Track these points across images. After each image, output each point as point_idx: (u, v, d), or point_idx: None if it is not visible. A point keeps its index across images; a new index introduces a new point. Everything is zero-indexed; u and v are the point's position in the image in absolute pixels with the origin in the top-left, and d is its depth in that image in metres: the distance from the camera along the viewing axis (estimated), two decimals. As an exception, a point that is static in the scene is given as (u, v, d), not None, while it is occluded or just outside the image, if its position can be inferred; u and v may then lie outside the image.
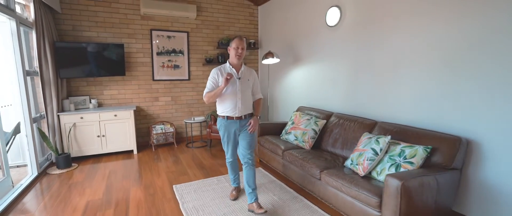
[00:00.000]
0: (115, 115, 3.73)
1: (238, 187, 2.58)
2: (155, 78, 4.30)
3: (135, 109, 3.89)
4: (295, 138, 3.04)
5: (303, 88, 3.90)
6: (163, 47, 4.30)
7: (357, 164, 2.20)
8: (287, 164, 2.79)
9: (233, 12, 4.76)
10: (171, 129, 4.29)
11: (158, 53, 4.27)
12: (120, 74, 3.94)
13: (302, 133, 3.00)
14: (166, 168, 3.33)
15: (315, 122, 3.03)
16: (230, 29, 4.78)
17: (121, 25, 3.98)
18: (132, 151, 3.96)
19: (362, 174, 2.12)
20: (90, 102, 3.85)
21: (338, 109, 3.26)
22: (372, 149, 2.16)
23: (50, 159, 3.48)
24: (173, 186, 2.79)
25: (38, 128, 3.21)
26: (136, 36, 4.10)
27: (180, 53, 4.43)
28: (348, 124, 2.81)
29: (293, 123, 3.22)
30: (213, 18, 4.60)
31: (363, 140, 2.34)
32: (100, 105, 3.99)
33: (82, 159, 3.64)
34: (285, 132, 3.24)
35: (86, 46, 3.66)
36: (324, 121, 3.04)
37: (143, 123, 4.33)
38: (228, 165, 2.51)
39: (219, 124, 2.34)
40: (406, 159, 1.97)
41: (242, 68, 2.30)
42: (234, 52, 2.22)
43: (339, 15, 3.13)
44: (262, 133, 3.38)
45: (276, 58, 3.93)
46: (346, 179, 2.05)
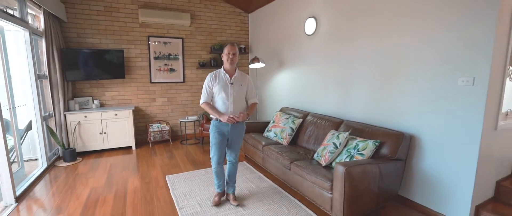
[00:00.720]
0: (116, 114, 4.11)
1: (221, 193, 2.54)
2: (152, 81, 4.69)
3: (134, 109, 4.28)
4: (275, 135, 3.42)
5: (287, 90, 4.28)
6: (160, 52, 4.68)
7: (321, 156, 2.57)
8: (266, 157, 3.16)
9: (224, 19, 5.14)
10: (167, 128, 4.67)
11: (155, 58, 4.66)
12: (120, 77, 4.33)
13: (281, 131, 3.38)
14: (161, 162, 3.72)
15: (293, 121, 3.41)
16: (222, 35, 5.16)
17: (121, 32, 4.37)
18: (131, 147, 4.35)
19: (324, 164, 2.49)
20: (93, 103, 4.24)
21: (314, 109, 3.64)
22: (333, 143, 2.53)
23: (57, 153, 3.87)
24: (166, 176, 3.17)
25: (47, 125, 3.60)
26: (135, 42, 4.49)
27: (175, 58, 4.81)
28: (321, 122, 3.18)
29: (274, 122, 3.60)
30: (206, 25, 4.99)
31: (329, 136, 2.71)
32: (102, 105, 4.38)
33: (86, 154, 4.03)
34: (267, 130, 3.62)
35: (89, 51, 4.05)
36: (301, 120, 3.42)
37: (141, 122, 4.72)
38: (214, 174, 2.47)
39: (211, 126, 2.39)
40: (358, 151, 2.35)
41: (236, 74, 2.38)
42: (226, 58, 2.30)
43: (315, 25, 3.51)
44: (247, 131, 3.75)
45: (262, 63, 4.31)
46: (309, 168, 2.42)
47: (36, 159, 3.55)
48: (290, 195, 2.67)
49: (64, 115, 3.80)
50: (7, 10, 2.72)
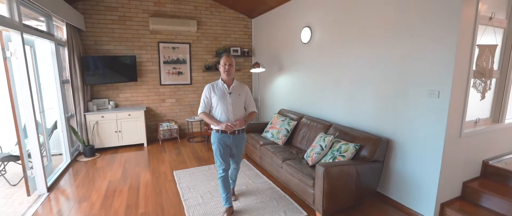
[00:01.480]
0: (129, 114, 4.54)
1: (230, 207, 2.48)
2: (162, 83, 5.09)
3: (145, 109, 4.69)
4: (272, 136, 3.75)
5: (285, 93, 4.59)
6: (169, 56, 5.07)
7: (309, 157, 2.90)
8: (262, 156, 3.50)
9: (229, 25, 5.46)
10: (175, 126, 5.08)
11: (164, 62, 5.05)
12: (133, 80, 4.75)
13: (277, 132, 3.71)
14: (170, 158, 4.13)
15: (288, 123, 3.73)
16: (226, 39, 5.49)
17: (133, 39, 4.77)
18: (142, 144, 4.78)
19: (310, 164, 2.82)
20: (109, 104, 4.68)
21: (308, 112, 3.94)
22: (320, 145, 2.85)
23: (78, 149, 4.34)
24: (174, 171, 3.57)
25: (70, 125, 4.05)
26: (146, 48, 4.88)
27: (183, 62, 5.19)
28: (313, 125, 3.49)
29: (271, 123, 3.93)
30: (211, 31, 5.33)
31: (317, 138, 3.03)
32: (117, 106, 4.82)
33: (103, 150, 4.49)
34: (265, 131, 3.96)
35: (105, 57, 4.47)
36: (295, 122, 3.74)
37: (152, 121, 5.14)
38: (219, 181, 2.45)
39: (213, 138, 2.40)
40: (341, 153, 2.66)
41: (233, 84, 2.40)
42: (222, 69, 2.35)
43: (310, 34, 3.79)
44: (248, 131, 4.11)
45: (262, 68, 4.62)
46: (297, 167, 2.75)
47: (60, 154, 4.03)
48: (281, 190, 3.02)
49: (84, 115, 4.25)
50: (38, 27, 3.13)
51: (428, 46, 2.26)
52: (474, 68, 2.30)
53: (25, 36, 2.74)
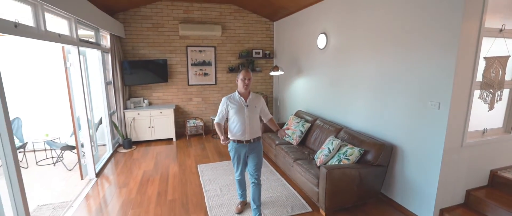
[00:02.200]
0: (161, 112, 5.09)
1: (244, 201, 2.81)
2: (189, 83, 5.58)
3: (174, 107, 5.21)
4: (287, 136, 4.03)
5: (303, 95, 4.81)
6: (196, 59, 5.53)
7: (318, 158, 3.14)
8: (277, 155, 3.81)
9: (252, 28, 5.77)
10: (201, 123, 5.56)
11: (192, 64, 5.52)
12: (164, 81, 5.29)
13: (292, 133, 3.98)
14: (195, 153, 4.60)
15: (303, 125, 3.97)
16: (249, 42, 5.81)
17: (165, 44, 5.29)
18: (172, 139, 5.33)
19: (318, 165, 3.06)
20: (144, 102, 5.28)
21: (323, 114, 4.14)
22: (328, 148, 3.08)
23: (118, 142, 4.99)
24: (198, 165, 4.02)
25: (112, 120, 4.69)
26: (176, 52, 5.38)
27: (208, 64, 5.62)
28: (326, 127, 3.70)
29: (287, 124, 4.20)
30: (235, 34, 5.68)
31: (327, 141, 3.25)
32: (150, 104, 5.40)
33: (138, 143, 5.11)
34: (281, 131, 4.24)
35: (141, 61, 5.04)
36: (309, 124, 3.97)
37: (180, 118, 5.67)
38: (236, 182, 2.73)
39: (230, 147, 2.54)
40: (346, 156, 2.87)
41: (250, 96, 2.49)
42: (241, 83, 2.41)
43: (325, 40, 3.97)
44: (265, 131, 4.42)
45: (281, 71, 4.88)
46: (306, 167, 3.02)
47: (104, 145, 4.69)
48: (291, 187, 3.31)
49: (123, 112, 4.87)
50: (89, 39, 3.72)
51: (429, 61, 2.37)
52: (480, 79, 2.37)
53: (80, 48, 3.31)
